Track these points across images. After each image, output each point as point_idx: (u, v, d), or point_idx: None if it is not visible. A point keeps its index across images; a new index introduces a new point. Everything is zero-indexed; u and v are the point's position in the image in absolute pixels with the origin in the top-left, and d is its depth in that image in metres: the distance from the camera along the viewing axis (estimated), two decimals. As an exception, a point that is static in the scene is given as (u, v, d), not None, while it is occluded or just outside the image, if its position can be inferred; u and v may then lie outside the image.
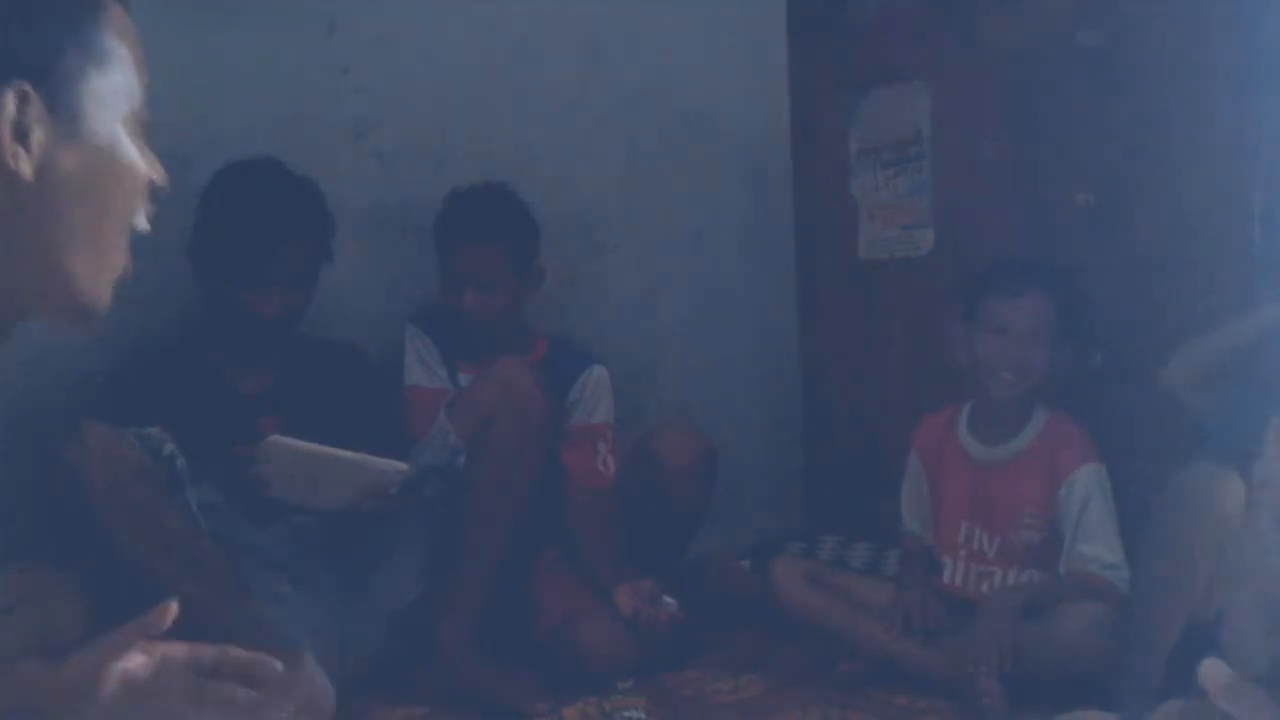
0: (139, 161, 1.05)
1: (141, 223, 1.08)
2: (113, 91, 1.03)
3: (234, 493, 2.10)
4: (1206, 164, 2.18)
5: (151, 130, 1.09)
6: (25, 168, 0.94)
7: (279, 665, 1.09)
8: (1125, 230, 2.29)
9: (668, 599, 2.28)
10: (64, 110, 0.97)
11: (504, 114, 2.77)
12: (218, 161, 2.30)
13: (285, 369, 2.30)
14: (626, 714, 2.07)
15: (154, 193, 1.09)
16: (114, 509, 1.93)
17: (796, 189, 3.04)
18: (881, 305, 2.84)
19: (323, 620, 2.18)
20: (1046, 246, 2.40)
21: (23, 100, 0.93)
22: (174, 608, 1.04)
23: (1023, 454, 2.27)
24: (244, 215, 2.20)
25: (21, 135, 0.93)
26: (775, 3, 3.04)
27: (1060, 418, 2.26)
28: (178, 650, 1.05)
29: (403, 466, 2.10)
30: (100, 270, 1.03)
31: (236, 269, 2.20)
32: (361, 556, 2.22)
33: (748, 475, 2.95)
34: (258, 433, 2.07)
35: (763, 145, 3.06)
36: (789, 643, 2.37)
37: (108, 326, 2.46)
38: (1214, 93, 2.16)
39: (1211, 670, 0.96)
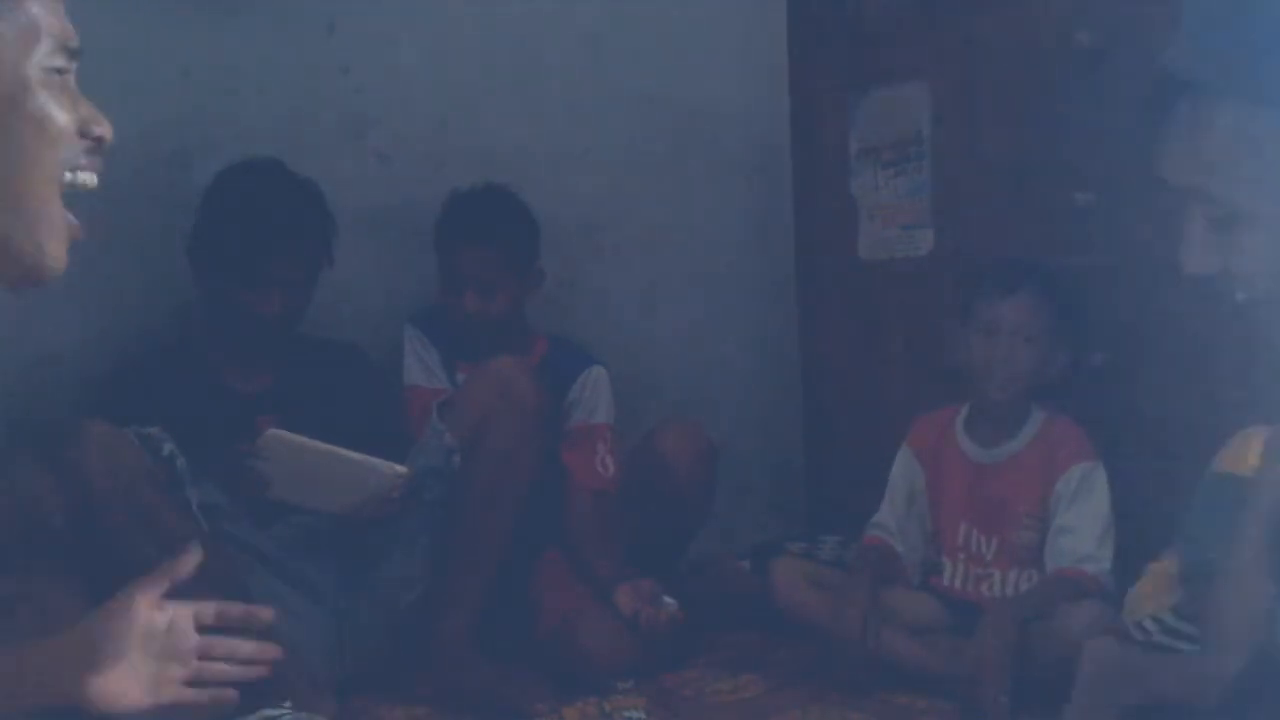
0: (55, 113, 1.01)
1: (87, 179, 1.05)
2: (17, 39, 0.99)
3: (234, 492, 2.10)
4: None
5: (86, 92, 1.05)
6: None
7: (270, 614, 1.24)
8: (1125, 230, 2.28)
9: (668, 599, 2.28)
10: None
11: (504, 114, 2.77)
12: (218, 161, 2.31)
13: (285, 369, 2.30)
14: (626, 714, 2.07)
15: (101, 148, 1.06)
16: (114, 509, 1.93)
17: (796, 189, 3.04)
18: (881, 305, 2.83)
19: (323, 620, 2.18)
20: (1046, 246, 2.39)
21: None
22: (198, 554, 1.15)
23: (1020, 455, 2.27)
24: (245, 216, 2.20)
25: None
26: (775, 3, 3.04)
27: (1058, 419, 2.26)
28: (183, 610, 1.15)
29: (402, 470, 2.10)
30: (35, 230, 1.00)
31: (237, 270, 2.20)
32: (361, 556, 2.22)
33: (748, 475, 2.95)
34: (257, 432, 2.07)
35: (763, 145, 3.06)
36: (789, 643, 2.37)
37: (108, 326, 2.48)
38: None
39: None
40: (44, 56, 1.01)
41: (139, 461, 1.97)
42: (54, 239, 1.01)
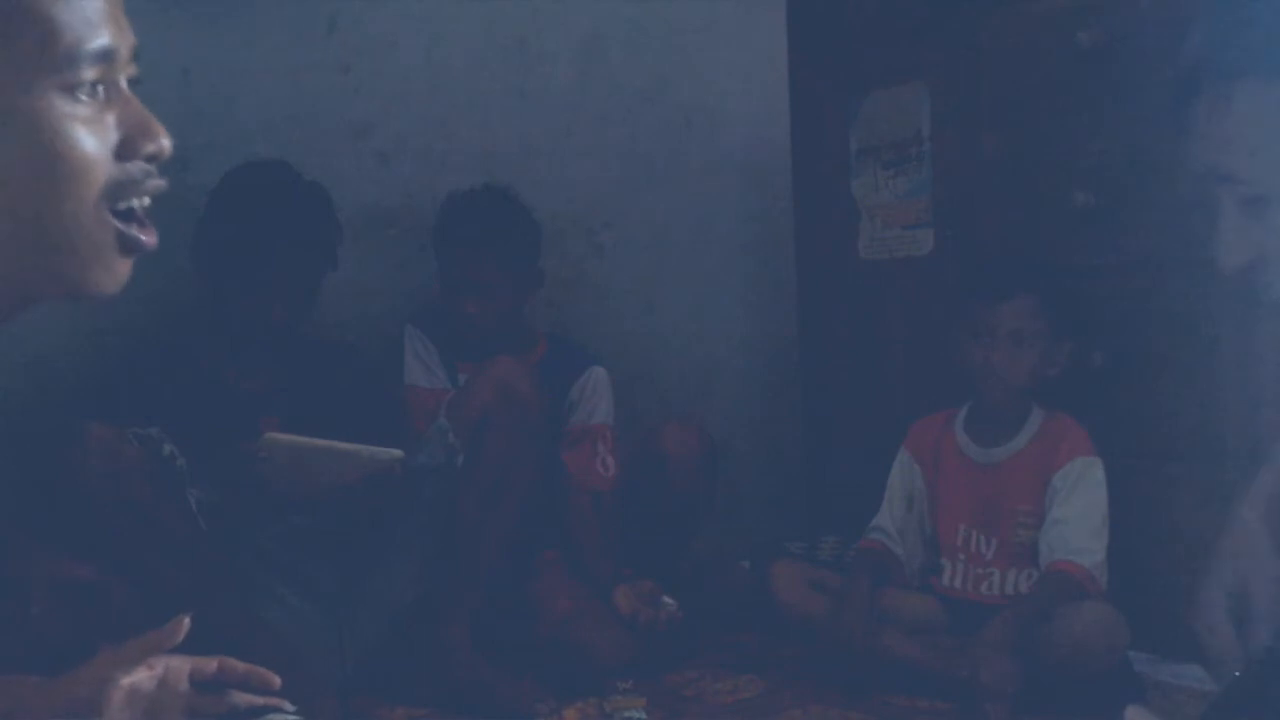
0: (78, 143, 0.87)
1: (138, 204, 0.93)
2: (20, 57, 0.83)
3: (234, 492, 2.10)
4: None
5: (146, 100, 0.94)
6: None
7: (277, 680, 1.10)
8: (1125, 230, 2.29)
9: (667, 599, 2.27)
10: None
11: (504, 114, 2.77)
12: (218, 161, 2.31)
13: (285, 369, 2.30)
14: (626, 714, 2.07)
15: (161, 164, 0.94)
16: (114, 509, 1.93)
17: (796, 189, 3.04)
18: (881, 305, 2.83)
19: (323, 620, 2.18)
20: (1046, 246, 2.39)
21: None
22: (185, 624, 1.05)
23: (1020, 454, 2.27)
24: (251, 219, 2.20)
25: None
26: (775, 3, 3.04)
27: (1058, 417, 2.26)
28: (179, 664, 1.07)
29: (397, 453, 2.10)
30: (77, 254, 0.89)
31: (242, 272, 2.20)
32: (361, 557, 2.22)
33: (748, 475, 2.95)
34: (258, 432, 2.07)
35: (763, 145, 3.06)
36: (789, 643, 2.37)
37: (107, 326, 2.47)
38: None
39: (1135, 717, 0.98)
40: (59, 72, 0.85)
41: (139, 462, 1.98)
42: (97, 263, 0.90)
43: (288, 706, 1.14)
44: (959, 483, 2.32)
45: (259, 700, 1.10)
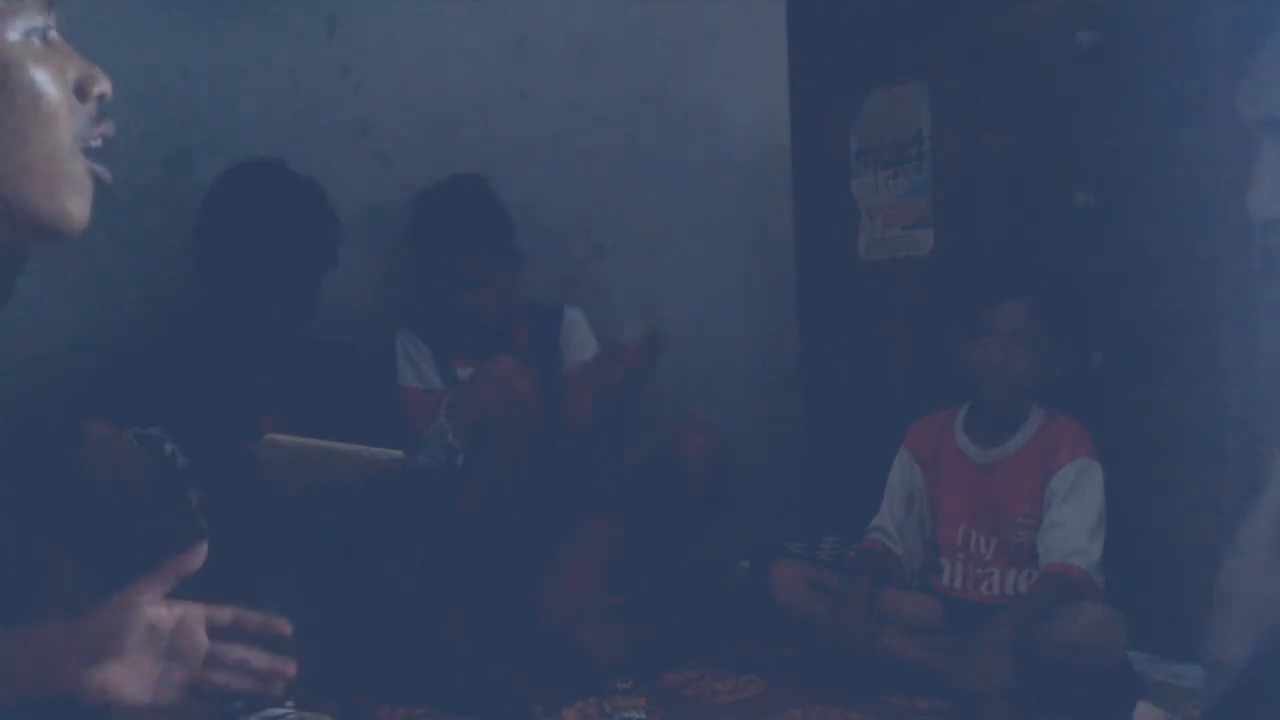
0: (47, 89, 0.94)
1: (97, 145, 0.99)
2: None
3: (235, 491, 2.10)
4: (1206, 163, 2.18)
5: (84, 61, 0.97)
6: None
7: (288, 628, 1.14)
8: (1125, 230, 2.29)
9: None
10: None
11: (504, 114, 2.77)
12: (218, 161, 2.31)
13: (285, 369, 2.30)
14: (626, 714, 2.07)
15: (104, 108, 1.00)
16: (114, 509, 1.93)
17: (796, 189, 3.04)
18: (881, 305, 2.83)
19: (322, 620, 2.18)
20: (1046, 246, 2.40)
21: None
22: (204, 549, 1.09)
23: (1019, 454, 2.27)
24: (249, 217, 2.20)
25: None
26: (775, 3, 3.04)
27: (1058, 418, 2.26)
28: (197, 610, 1.09)
29: (397, 453, 2.10)
30: (54, 190, 0.95)
31: (241, 271, 2.20)
32: (361, 557, 2.22)
33: (748, 475, 2.94)
34: (258, 432, 2.07)
35: (763, 145, 3.06)
36: (789, 643, 2.37)
37: (106, 326, 2.47)
38: (1214, 91, 2.16)
39: (1145, 714, 0.98)
40: (24, 21, 0.93)
41: (139, 462, 1.98)
42: (75, 196, 0.97)
43: (287, 704, 1.14)
44: (958, 483, 2.32)
45: (267, 662, 1.11)
